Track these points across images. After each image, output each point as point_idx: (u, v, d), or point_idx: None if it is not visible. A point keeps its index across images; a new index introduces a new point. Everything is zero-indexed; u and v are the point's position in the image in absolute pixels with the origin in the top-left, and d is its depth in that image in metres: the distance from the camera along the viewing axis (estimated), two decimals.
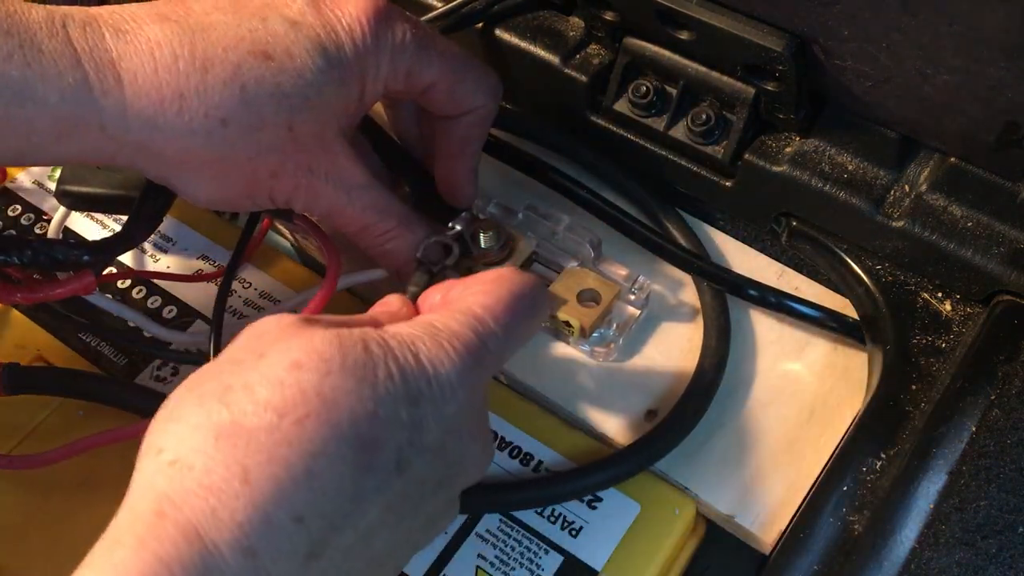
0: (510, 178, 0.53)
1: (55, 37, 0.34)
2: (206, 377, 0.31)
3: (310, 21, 0.37)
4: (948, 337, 0.44)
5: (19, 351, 0.48)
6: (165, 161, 0.37)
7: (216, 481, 0.28)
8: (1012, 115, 0.40)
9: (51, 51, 0.33)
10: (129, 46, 0.35)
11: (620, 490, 0.43)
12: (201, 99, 0.35)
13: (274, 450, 0.28)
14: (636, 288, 0.47)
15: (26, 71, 0.33)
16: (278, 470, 0.28)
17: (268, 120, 0.36)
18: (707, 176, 0.50)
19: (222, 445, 0.28)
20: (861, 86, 0.43)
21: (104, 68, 0.34)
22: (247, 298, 0.50)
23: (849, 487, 0.40)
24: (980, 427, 0.39)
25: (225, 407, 0.29)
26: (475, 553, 0.42)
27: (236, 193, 0.39)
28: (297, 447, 0.29)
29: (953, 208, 0.44)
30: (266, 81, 0.36)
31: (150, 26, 0.35)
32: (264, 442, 0.28)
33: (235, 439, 0.28)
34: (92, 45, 0.34)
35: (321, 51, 0.37)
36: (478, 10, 0.52)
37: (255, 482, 0.28)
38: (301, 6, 0.38)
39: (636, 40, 0.49)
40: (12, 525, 0.43)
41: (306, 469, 0.28)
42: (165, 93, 0.35)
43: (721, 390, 0.45)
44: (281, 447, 0.28)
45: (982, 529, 0.36)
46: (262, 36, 0.36)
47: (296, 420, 0.29)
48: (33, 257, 0.39)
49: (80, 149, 0.35)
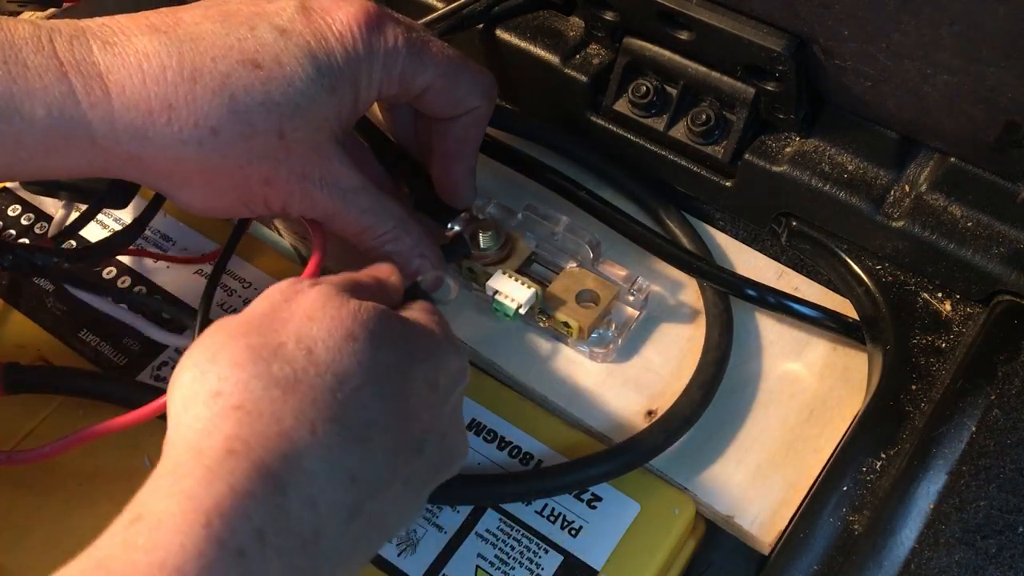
0: (510, 179, 0.53)
1: (41, 52, 0.34)
2: (247, 328, 0.32)
3: (300, 29, 0.37)
4: (948, 337, 0.44)
5: (19, 351, 0.48)
6: (157, 172, 0.37)
7: (287, 430, 0.30)
8: (1012, 115, 0.40)
9: (36, 66, 0.34)
10: (117, 58, 0.35)
11: (620, 490, 0.43)
12: (190, 109, 0.35)
13: (337, 411, 0.31)
14: (635, 289, 0.47)
15: (12, 87, 0.33)
16: (341, 429, 0.30)
17: (259, 128, 0.36)
18: (707, 176, 0.50)
19: (289, 399, 0.30)
20: (861, 86, 0.43)
21: (91, 80, 0.34)
22: (247, 298, 0.50)
23: (849, 487, 0.40)
24: (980, 427, 0.39)
25: (287, 364, 0.31)
26: (475, 552, 0.42)
27: (230, 201, 0.39)
28: (355, 412, 0.31)
29: (953, 208, 0.44)
30: (255, 89, 0.36)
31: (139, 37, 0.35)
32: (328, 402, 0.30)
33: (300, 395, 0.30)
34: (79, 58, 0.34)
35: (311, 59, 0.37)
36: (479, 11, 0.52)
37: (322, 436, 0.30)
38: (291, 15, 0.37)
39: (636, 40, 0.49)
40: (12, 525, 0.43)
41: (363, 434, 0.31)
42: (154, 104, 0.35)
43: (721, 390, 0.45)
44: (343, 409, 0.31)
45: (982, 529, 0.36)
46: (251, 45, 0.36)
47: (355, 388, 0.31)
48: (14, 262, 0.40)
49: (70, 163, 0.35)
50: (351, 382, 0.31)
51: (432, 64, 0.41)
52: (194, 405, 0.31)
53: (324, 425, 0.30)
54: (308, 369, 0.31)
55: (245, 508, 0.28)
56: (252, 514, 0.28)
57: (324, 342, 0.32)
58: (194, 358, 0.32)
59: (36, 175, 0.37)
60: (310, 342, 0.32)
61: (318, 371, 0.31)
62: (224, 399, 0.30)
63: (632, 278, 0.47)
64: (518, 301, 0.45)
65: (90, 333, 0.49)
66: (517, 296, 0.45)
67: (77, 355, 0.48)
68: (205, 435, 0.30)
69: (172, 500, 0.27)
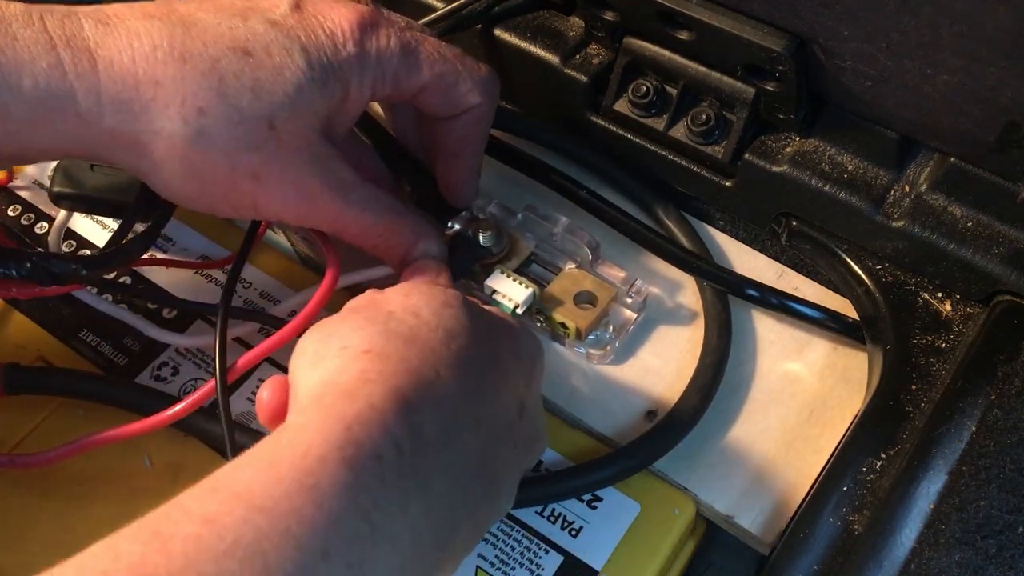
0: (510, 178, 0.53)
1: (31, 27, 0.34)
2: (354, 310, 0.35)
3: (291, 24, 0.37)
4: (948, 337, 0.44)
5: (19, 351, 0.48)
6: (140, 152, 0.36)
7: (415, 368, 0.32)
8: (1012, 115, 0.40)
9: (26, 39, 0.34)
10: (108, 36, 0.35)
11: (620, 490, 0.43)
12: (178, 87, 0.35)
13: (454, 360, 0.33)
14: (633, 291, 0.47)
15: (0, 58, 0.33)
16: (461, 376, 0.33)
17: (246, 114, 0.36)
18: (707, 176, 0.50)
19: (411, 347, 0.32)
20: (861, 86, 0.43)
21: (80, 53, 0.34)
22: (247, 298, 0.50)
23: (849, 487, 0.40)
24: (980, 427, 0.39)
25: (401, 323, 0.33)
26: (475, 553, 0.42)
27: (214, 194, 0.38)
28: (470, 364, 0.33)
29: (953, 208, 0.44)
30: (245, 75, 0.36)
31: (131, 20, 0.36)
32: (445, 352, 0.33)
33: (420, 345, 0.33)
34: (70, 34, 0.35)
35: (302, 52, 0.37)
36: (479, 11, 0.52)
37: (446, 379, 0.32)
38: (284, 10, 0.38)
39: (636, 40, 0.49)
40: (12, 525, 0.43)
41: (480, 385, 0.33)
42: (141, 79, 0.35)
43: (721, 390, 0.45)
44: (459, 359, 0.33)
45: (982, 529, 0.36)
46: (242, 34, 0.37)
47: (464, 344, 0.34)
48: (31, 271, 0.39)
49: (56, 139, 0.35)
50: (459, 339, 0.34)
51: (427, 65, 0.41)
52: (322, 361, 0.33)
53: (446, 371, 0.32)
54: (420, 327, 0.33)
55: (384, 420, 0.29)
56: (391, 426, 0.29)
57: (427, 307, 0.34)
58: (313, 337, 0.34)
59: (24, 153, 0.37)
60: (415, 309, 0.34)
61: (430, 327, 0.33)
62: (352, 349, 0.32)
63: (630, 280, 0.47)
64: (516, 301, 0.45)
65: (90, 333, 0.49)
66: (515, 296, 0.45)
67: (77, 355, 0.48)
68: (339, 372, 0.32)
69: (313, 412, 0.30)
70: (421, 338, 0.33)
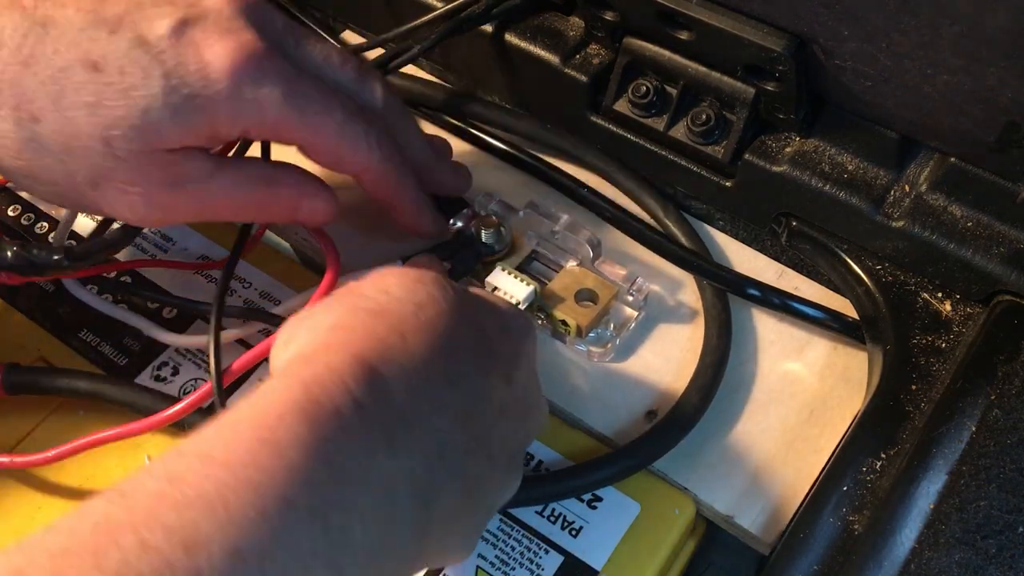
0: (511, 176, 0.53)
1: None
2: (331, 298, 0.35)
3: (163, 47, 0.36)
4: (948, 337, 0.44)
5: (20, 351, 0.48)
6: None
7: (381, 336, 0.31)
8: (1012, 115, 0.40)
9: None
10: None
11: (620, 490, 0.43)
12: (13, 91, 0.35)
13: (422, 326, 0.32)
14: (634, 289, 0.47)
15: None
16: (429, 339, 0.32)
17: (81, 128, 0.36)
18: (707, 176, 0.50)
19: (379, 321, 0.32)
20: (861, 86, 0.43)
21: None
22: (247, 297, 0.50)
23: (849, 487, 0.40)
24: (980, 427, 0.39)
25: (371, 300, 0.33)
26: (475, 553, 0.42)
27: (61, 193, 0.38)
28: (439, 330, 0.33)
29: (953, 208, 0.44)
30: (86, 90, 0.35)
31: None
32: (413, 321, 0.32)
33: (388, 317, 0.32)
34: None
35: (161, 78, 0.36)
36: (478, 12, 0.52)
37: (412, 344, 0.32)
38: (162, 32, 0.36)
39: (636, 40, 0.49)
40: (12, 525, 0.43)
41: (451, 347, 0.33)
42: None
43: (721, 390, 0.45)
44: (429, 325, 0.33)
45: (982, 529, 0.36)
46: (100, 47, 0.35)
47: (436, 313, 0.33)
48: (12, 260, 0.40)
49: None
50: (429, 310, 0.33)
51: (310, 128, 0.39)
52: (293, 341, 0.33)
53: (413, 336, 0.32)
54: (390, 302, 0.33)
55: (342, 379, 0.29)
56: (349, 385, 0.29)
57: (398, 285, 0.34)
58: (288, 323, 0.34)
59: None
60: (385, 287, 0.34)
61: (400, 302, 0.33)
62: (320, 326, 0.32)
63: (631, 278, 0.47)
64: (517, 298, 0.45)
65: (90, 333, 0.49)
66: (516, 293, 0.45)
67: (77, 355, 0.48)
68: (305, 346, 0.32)
69: (276, 381, 0.30)
70: (388, 311, 0.33)
